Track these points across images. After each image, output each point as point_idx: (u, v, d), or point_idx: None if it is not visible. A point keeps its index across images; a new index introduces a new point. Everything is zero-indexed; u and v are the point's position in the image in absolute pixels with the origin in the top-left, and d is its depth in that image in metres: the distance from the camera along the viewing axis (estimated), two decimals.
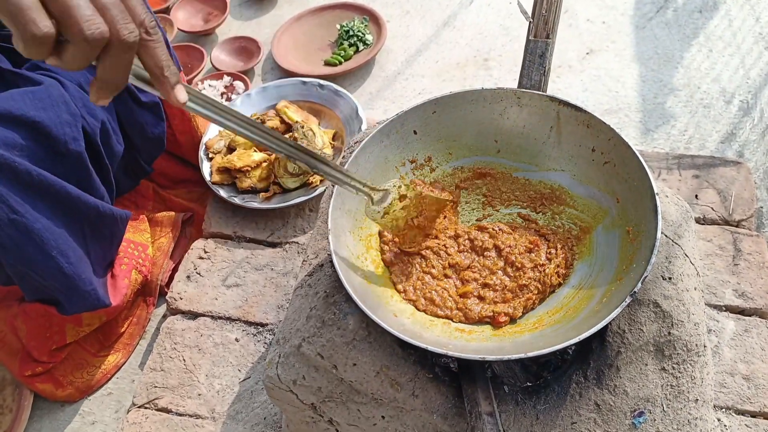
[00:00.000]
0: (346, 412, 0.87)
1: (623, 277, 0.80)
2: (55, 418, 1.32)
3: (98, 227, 1.15)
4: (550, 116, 0.94)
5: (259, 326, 1.32)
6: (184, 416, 1.21)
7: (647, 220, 0.80)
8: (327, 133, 1.58)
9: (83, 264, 1.12)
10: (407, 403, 0.84)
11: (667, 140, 1.62)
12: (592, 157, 0.92)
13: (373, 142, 0.95)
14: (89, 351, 1.37)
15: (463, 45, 1.97)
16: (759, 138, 1.58)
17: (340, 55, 1.91)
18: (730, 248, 1.31)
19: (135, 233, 1.45)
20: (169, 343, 1.30)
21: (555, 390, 0.83)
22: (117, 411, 1.31)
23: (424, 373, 0.84)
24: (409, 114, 0.97)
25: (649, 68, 1.80)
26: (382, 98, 1.85)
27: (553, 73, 1.83)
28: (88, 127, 1.10)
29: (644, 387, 0.79)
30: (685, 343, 0.80)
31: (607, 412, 0.79)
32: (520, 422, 0.82)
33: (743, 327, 1.21)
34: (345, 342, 0.84)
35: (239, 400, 1.21)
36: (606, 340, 0.82)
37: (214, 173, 1.50)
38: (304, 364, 0.87)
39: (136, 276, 1.39)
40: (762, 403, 1.12)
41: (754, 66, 1.75)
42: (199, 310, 1.34)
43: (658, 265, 0.84)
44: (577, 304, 0.85)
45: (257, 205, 1.44)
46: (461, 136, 1.00)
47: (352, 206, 0.93)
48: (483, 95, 0.96)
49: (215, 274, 1.40)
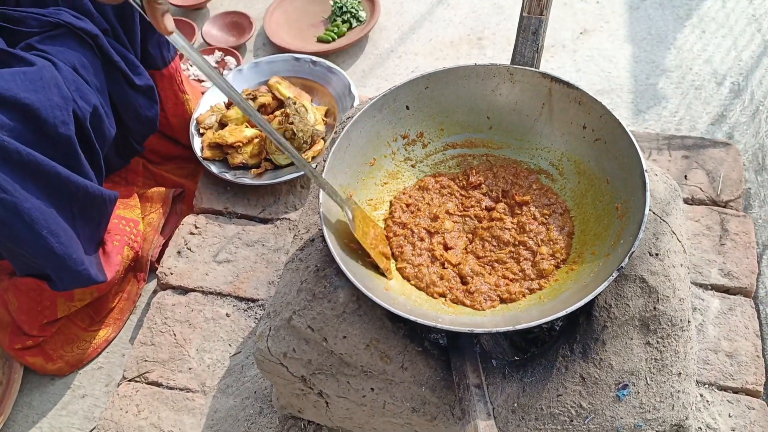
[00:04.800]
0: (336, 384, 0.88)
1: (611, 252, 0.81)
2: (45, 391, 1.32)
3: (87, 208, 1.14)
4: (542, 93, 0.94)
5: (249, 302, 1.32)
6: (174, 390, 1.22)
7: (636, 197, 0.81)
8: (319, 110, 1.57)
9: (74, 243, 1.11)
10: (396, 376, 0.85)
11: (658, 121, 1.63)
12: (583, 134, 0.92)
13: (365, 116, 0.94)
14: (80, 326, 1.37)
15: (456, 23, 1.96)
16: (749, 120, 1.59)
17: (333, 32, 1.90)
18: (717, 228, 1.32)
19: (126, 209, 1.44)
20: (159, 317, 1.31)
21: (542, 363, 0.85)
22: (107, 385, 1.31)
23: (413, 347, 0.85)
24: (401, 89, 0.96)
25: (642, 49, 1.80)
26: (375, 76, 1.84)
27: (547, 52, 1.83)
28: (79, 111, 1.09)
29: (629, 360, 0.81)
30: (670, 318, 0.82)
31: (592, 385, 0.81)
32: (507, 394, 0.84)
33: (728, 305, 1.23)
34: (335, 315, 0.84)
35: (230, 374, 1.22)
36: (593, 314, 0.83)
37: (205, 149, 1.49)
38: (294, 337, 0.88)
39: (128, 252, 1.38)
40: (744, 380, 1.14)
41: (746, 48, 1.75)
42: (190, 286, 1.35)
43: (646, 242, 0.85)
44: (566, 279, 0.86)
45: (248, 181, 1.44)
46: (453, 112, 1.00)
47: (344, 181, 0.93)
48: (476, 71, 0.96)
49: (206, 250, 1.40)
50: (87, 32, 1.13)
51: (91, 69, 1.15)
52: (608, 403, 0.80)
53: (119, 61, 1.21)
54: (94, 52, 1.16)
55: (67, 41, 1.12)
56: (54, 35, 1.13)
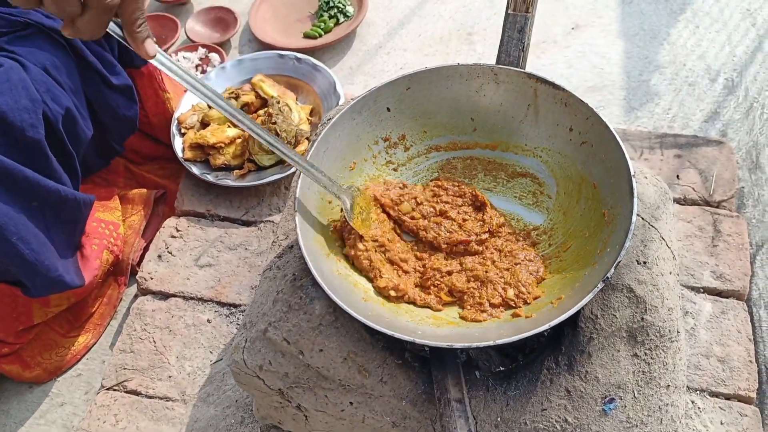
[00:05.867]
0: (314, 398, 0.85)
1: (597, 261, 0.78)
2: (23, 399, 1.29)
3: (60, 212, 1.10)
4: (528, 94, 0.91)
5: (231, 307, 1.29)
6: (153, 398, 1.18)
7: (623, 203, 0.77)
8: (304, 109, 1.53)
9: (46, 250, 1.08)
10: (375, 390, 0.82)
11: (651, 118, 1.60)
12: (569, 136, 0.89)
13: (343, 119, 0.91)
14: (58, 332, 1.34)
15: (446, 18, 1.92)
16: (743, 117, 1.56)
17: (320, 28, 1.85)
18: (710, 229, 1.29)
19: (105, 212, 1.40)
20: (139, 324, 1.27)
21: (526, 376, 0.82)
22: (87, 392, 1.28)
23: (393, 359, 0.82)
24: (382, 90, 0.93)
25: (635, 44, 1.76)
26: (363, 73, 1.81)
27: (538, 48, 1.79)
28: (50, 114, 1.05)
29: (616, 373, 0.78)
30: (658, 328, 0.79)
31: (578, 399, 0.78)
32: (490, 408, 0.81)
33: (720, 309, 1.20)
34: (311, 327, 0.81)
35: (210, 382, 1.19)
36: (578, 325, 0.80)
37: (186, 149, 1.45)
38: (270, 349, 0.85)
39: (107, 256, 1.35)
40: (736, 386, 1.11)
41: (740, 43, 1.72)
42: (171, 291, 1.31)
43: (634, 249, 0.82)
44: (552, 288, 0.83)
45: (231, 183, 1.40)
46: (436, 114, 0.97)
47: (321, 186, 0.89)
48: (459, 71, 0.93)
49: (187, 254, 1.36)
50: (58, 31, 1.09)
51: (64, 69, 1.11)
52: (594, 418, 0.77)
53: (94, 60, 1.17)
54: (67, 51, 1.12)
55: (37, 41, 1.08)
56: (24, 35, 1.09)
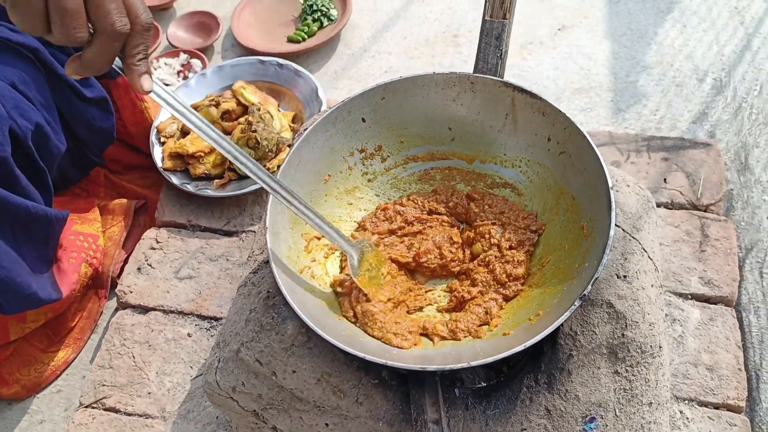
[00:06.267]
0: (289, 419, 0.83)
1: (576, 276, 0.76)
2: (2, 417, 1.26)
3: (30, 229, 1.08)
4: (505, 103, 0.88)
5: (212, 320, 1.27)
6: (133, 416, 1.16)
7: (602, 216, 0.75)
8: (286, 116, 1.51)
9: (18, 267, 1.05)
10: (351, 411, 0.79)
11: (639, 120, 1.58)
12: (548, 146, 0.87)
13: (316, 131, 0.89)
14: (37, 347, 1.31)
15: (432, 20, 1.89)
16: (731, 118, 1.54)
17: (304, 32, 1.83)
18: (698, 234, 1.27)
19: (84, 224, 1.38)
20: (118, 339, 1.25)
21: (506, 394, 0.80)
22: (66, 409, 1.26)
23: (369, 379, 0.80)
24: (356, 100, 0.90)
25: (622, 45, 1.74)
26: (347, 77, 1.78)
27: (524, 50, 1.77)
28: (18, 130, 1.02)
29: (596, 391, 0.76)
30: (639, 344, 0.77)
31: (558, 418, 0.76)
32: (469, 428, 0.79)
33: (708, 315, 1.18)
34: (283, 348, 0.79)
35: (191, 398, 1.17)
36: (558, 342, 0.78)
37: (166, 159, 1.43)
38: (243, 370, 0.82)
39: (86, 269, 1.32)
40: (725, 395, 1.10)
41: (728, 42, 1.70)
42: (150, 304, 1.29)
43: (613, 263, 0.79)
44: (530, 304, 0.81)
45: (212, 193, 1.38)
46: (413, 124, 0.94)
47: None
48: (434, 80, 0.90)
49: (167, 266, 1.34)
50: (25, 46, 1.07)
51: (33, 84, 1.08)
52: None
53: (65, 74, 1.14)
54: (36, 66, 1.09)
55: (4, 57, 1.05)
56: None
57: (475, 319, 0.81)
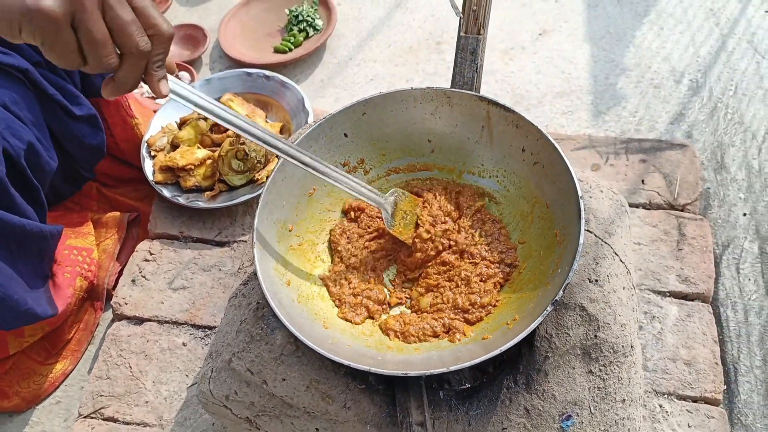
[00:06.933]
0: (281, 425, 0.86)
1: (550, 281, 0.80)
2: (3, 429, 1.29)
3: (25, 246, 1.11)
4: (481, 116, 0.92)
5: (207, 329, 1.30)
6: (131, 425, 1.20)
7: (573, 224, 0.79)
8: (274, 126, 1.54)
9: (14, 283, 1.08)
10: (340, 415, 0.83)
11: (618, 122, 1.62)
12: (522, 157, 0.91)
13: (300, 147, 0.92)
14: (36, 359, 1.34)
15: (415, 27, 1.93)
16: (707, 118, 1.58)
17: (290, 42, 1.86)
18: (675, 233, 1.32)
19: (78, 238, 1.41)
20: (114, 350, 1.28)
21: (487, 395, 0.83)
22: (66, 420, 1.29)
23: (356, 384, 0.84)
24: (337, 117, 0.94)
25: (601, 48, 1.78)
26: (334, 85, 1.82)
27: (506, 55, 1.81)
28: (11, 150, 1.06)
29: (572, 390, 0.80)
30: (611, 345, 0.81)
31: (537, 417, 0.80)
32: (452, 429, 0.82)
33: (686, 312, 1.22)
34: (273, 357, 0.83)
35: (187, 406, 1.20)
36: (534, 345, 0.82)
37: (157, 172, 1.46)
38: (235, 380, 0.86)
39: (81, 283, 1.35)
40: (702, 388, 1.14)
41: (704, 43, 1.74)
42: (145, 315, 1.32)
43: (585, 268, 0.83)
44: (507, 309, 0.85)
45: (203, 205, 1.41)
46: (394, 138, 0.98)
47: (281, 215, 0.91)
48: (413, 95, 0.94)
49: (161, 277, 1.37)
50: (15, 67, 1.10)
51: (24, 104, 1.11)
52: None
53: (55, 93, 1.17)
54: (26, 86, 1.13)
55: None
56: None
57: (428, 329, 0.85)
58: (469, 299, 0.88)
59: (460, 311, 0.87)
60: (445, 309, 0.88)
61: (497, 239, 0.92)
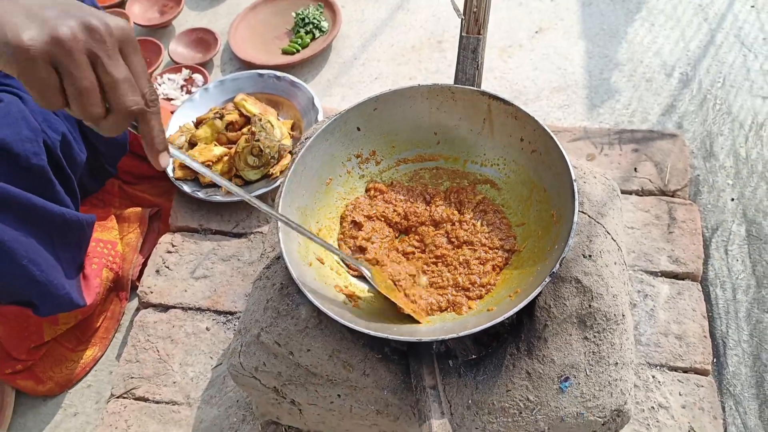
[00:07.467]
0: (305, 392, 0.95)
1: (548, 257, 0.88)
2: (38, 412, 1.38)
3: (66, 234, 1.19)
4: (483, 109, 1.01)
5: (228, 314, 1.39)
6: (161, 403, 1.28)
7: (568, 205, 0.88)
8: (285, 124, 1.63)
9: (54, 270, 1.17)
10: (359, 382, 0.92)
11: (612, 115, 1.70)
12: (521, 146, 0.99)
13: (318, 141, 1.01)
14: (67, 347, 1.43)
15: (417, 27, 2.02)
16: (697, 109, 1.66)
17: (297, 44, 1.95)
18: (666, 217, 1.40)
19: (103, 231, 1.50)
20: (142, 335, 1.37)
21: (492, 362, 0.92)
22: (97, 402, 1.38)
23: (374, 354, 0.92)
24: (351, 112, 1.03)
25: (596, 44, 1.86)
26: (340, 85, 1.90)
27: (504, 53, 1.89)
28: (49, 141, 1.14)
29: (569, 355, 0.88)
30: (604, 313, 0.89)
31: (537, 380, 0.88)
32: (462, 392, 0.91)
33: (677, 290, 1.31)
34: (298, 330, 0.91)
35: (212, 385, 1.29)
36: (535, 314, 0.90)
37: (176, 169, 1.55)
38: (263, 352, 0.95)
39: (107, 274, 1.44)
40: (692, 360, 1.22)
41: (693, 38, 1.83)
42: (170, 303, 1.41)
43: (580, 245, 0.92)
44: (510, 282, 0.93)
45: (220, 199, 1.50)
46: (403, 130, 1.06)
47: (302, 203, 0.99)
48: (420, 91, 1.02)
49: (184, 267, 1.46)
50: None
51: None
52: (552, 395, 0.87)
53: None
54: None
55: None
56: None
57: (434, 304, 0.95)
58: (469, 279, 0.96)
59: (461, 289, 0.96)
60: (447, 287, 0.96)
61: (498, 228, 1.01)
